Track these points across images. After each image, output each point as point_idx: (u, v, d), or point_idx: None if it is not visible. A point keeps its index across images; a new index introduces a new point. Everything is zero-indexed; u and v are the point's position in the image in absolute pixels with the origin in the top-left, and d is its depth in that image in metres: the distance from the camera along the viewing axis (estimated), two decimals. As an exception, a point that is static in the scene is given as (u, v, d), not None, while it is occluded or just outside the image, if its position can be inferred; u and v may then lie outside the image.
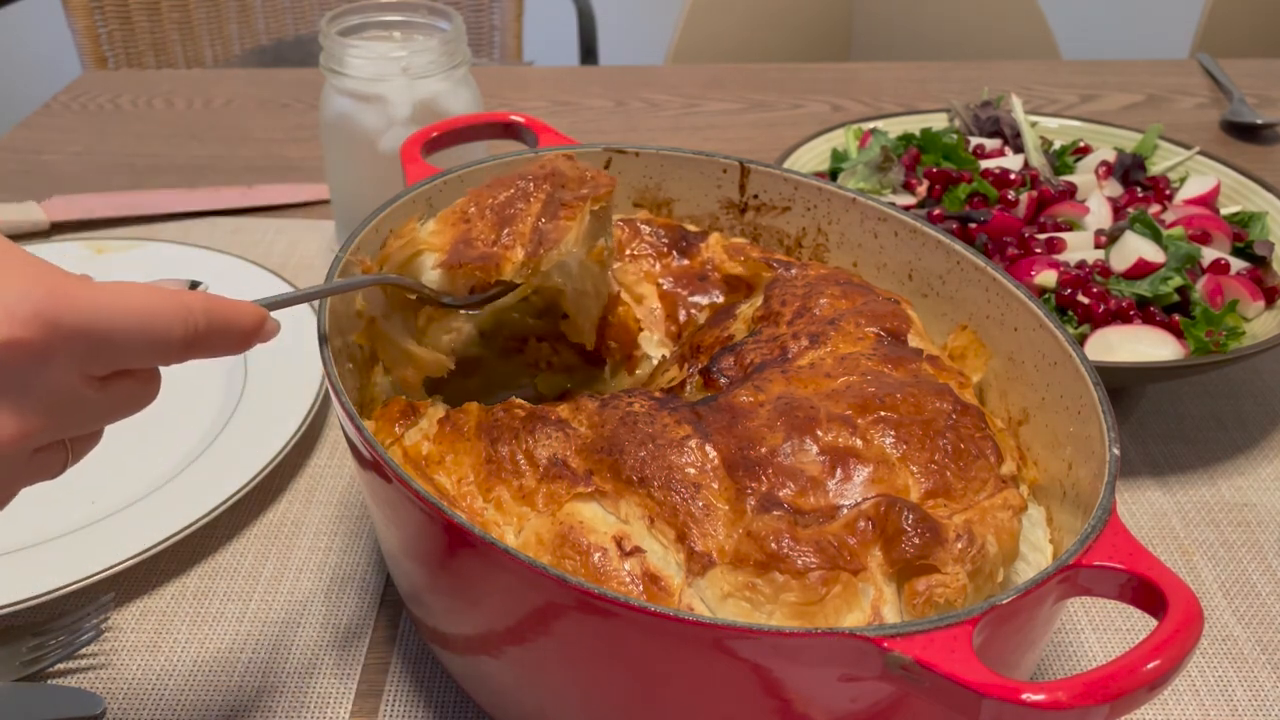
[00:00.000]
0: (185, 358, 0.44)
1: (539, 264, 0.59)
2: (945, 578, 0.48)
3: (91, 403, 0.42)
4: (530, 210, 0.61)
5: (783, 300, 0.65)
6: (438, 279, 0.60)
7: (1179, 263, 0.81)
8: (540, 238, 0.60)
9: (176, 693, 0.62)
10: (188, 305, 0.43)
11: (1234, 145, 1.28)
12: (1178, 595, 0.44)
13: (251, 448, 0.75)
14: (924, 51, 1.87)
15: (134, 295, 0.42)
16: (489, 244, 0.59)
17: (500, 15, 2.02)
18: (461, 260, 0.59)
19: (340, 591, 0.68)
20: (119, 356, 0.42)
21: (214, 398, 0.82)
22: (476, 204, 0.62)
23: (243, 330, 0.46)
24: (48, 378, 0.40)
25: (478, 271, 0.58)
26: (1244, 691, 0.63)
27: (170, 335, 0.43)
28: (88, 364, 0.41)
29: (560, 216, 0.61)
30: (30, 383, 0.39)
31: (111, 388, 0.43)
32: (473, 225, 0.60)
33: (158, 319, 0.42)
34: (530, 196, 0.62)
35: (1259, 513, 0.76)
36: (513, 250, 0.59)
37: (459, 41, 0.90)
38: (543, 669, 0.52)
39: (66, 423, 0.42)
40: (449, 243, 0.60)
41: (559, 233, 0.60)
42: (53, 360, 0.40)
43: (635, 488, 0.51)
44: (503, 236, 0.60)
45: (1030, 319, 0.61)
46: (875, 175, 0.96)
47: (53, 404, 0.41)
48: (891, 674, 0.42)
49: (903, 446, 0.54)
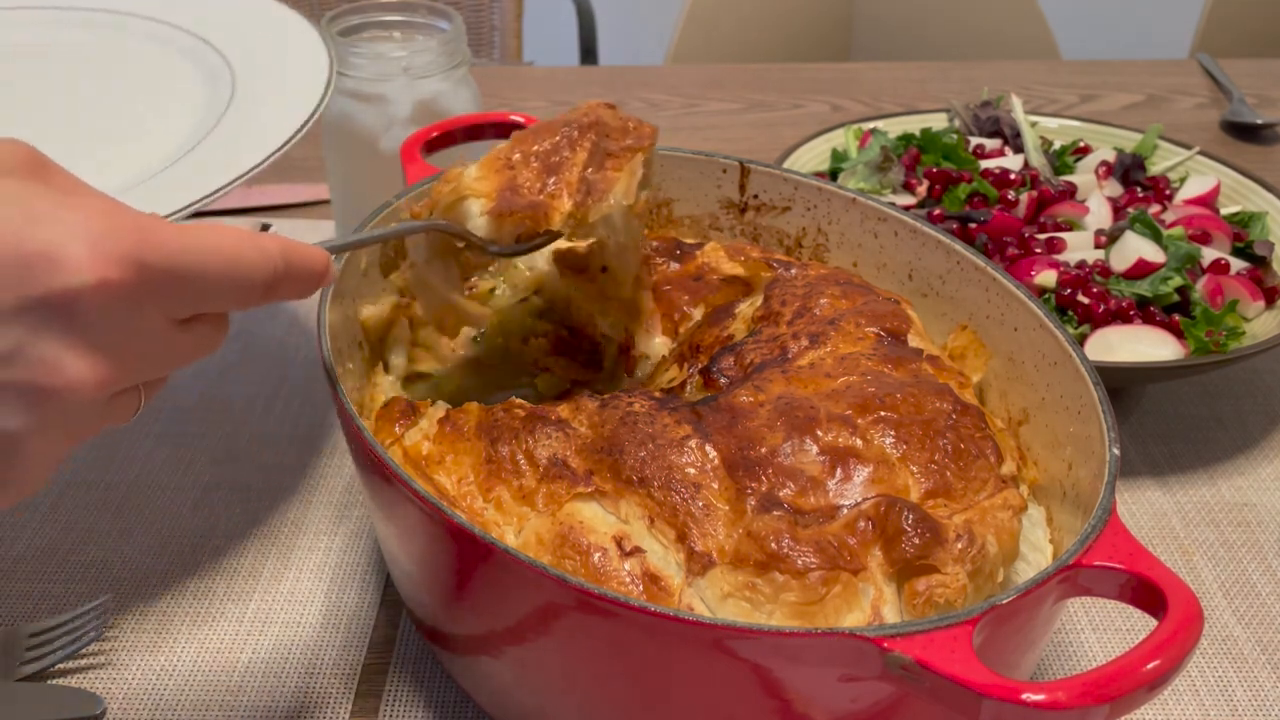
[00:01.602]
0: (262, 301, 0.43)
1: (587, 214, 0.59)
2: (945, 578, 0.48)
3: (171, 346, 0.41)
4: (576, 159, 0.60)
5: (783, 300, 0.65)
6: (484, 226, 0.59)
7: (1179, 263, 0.81)
8: (588, 188, 0.59)
9: (176, 693, 0.62)
10: (266, 248, 0.43)
11: (1234, 145, 1.28)
12: (1178, 595, 0.44)
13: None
14: (924, 51, 1.87)
15: (219, 236, 0.41)
16: (535, 192, 0.59)
17: (500, 15, 2.02)
18: (511, 208, 0.58)
19: (340, 591, 0.68)
20: (204, 299, 0.41)
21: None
22: (521, 150, 0.61)
23: (314, 273, 0.45)
24: (135, 321, 0.39)
25: (527, 220, 0.58)
26: (1244, 691, 0.63)
27: (254, 277, 0.42)
28: (173, 306, 0.41)
29: (607, 167, 0.61)
30: (119, 326, 0.39)
31: (190, 331, 0.42)
32: (518, 172, 0.60)
33: (242, 261, 0.41)
34: (575, 145, 0.61)
35: (1259, 513, 0.76)
36: (560, 199, 0.59)
37: (459, 41, 0.90)
38: (543, 669, 0.52)
39: (147, 367, 0.41)
40: (495, 189, 0.59)
41: (607, 184, 0.60)
42: (141, 303, 0.39)
43: (635, 488, 0.51)
44: (549, 185, 0.59)
45: (1030, 319, 0.61)
46: (875, 175, 0.96)
47: (137, 347, 0.40)
48: (891, 674, 0.42)
49: (903, 446, 0.54)
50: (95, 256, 0.37)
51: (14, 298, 0.37)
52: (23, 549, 0.70)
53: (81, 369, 0.38)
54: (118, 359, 0.39)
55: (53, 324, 0.38)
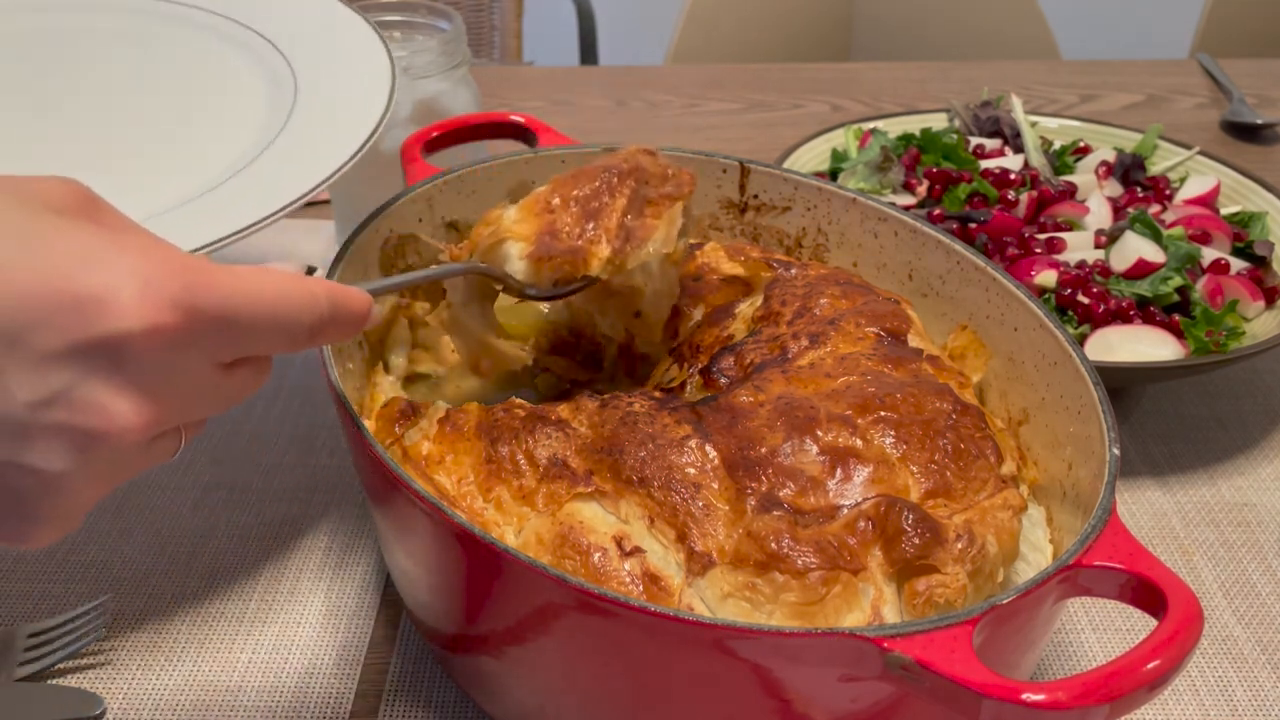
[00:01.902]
0: (307, 345, 0.43)
1: (625, 262, 0.59)
2: (945, 578, 0.48)
3: (216, 390, 0.41)
4: (615, 205, 0.61)
5: (783, 300, 0.65)
6: (523, 270, 0.60)
7: (1179, 263, 0.81)
8: (627, 235, 0.60)
9: (176, 693, 0.62)
10: (314, 292, 0.42)
11: (1234, 145, 1.28)
12: (1178, 595, 0.44)
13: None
14: (924, 51, 1.87)
15: (269, 281, 0.41)
16: (575, 237, 0.59)
17: (500, 15, 2.02)
18: (550, 253, 0.59)
19: (340, 591, 0.68)
20: (250, 343, 0.41)
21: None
22: (560, 195, 0.61)
23: (357, 315, 0.45)
24: (182, 365, 0.39)
25: (565, 265, 0.59)
26: (1244, 691, 0.63)
27: (300, 323, 0.42)
28: (220, 351, 0.40)
29: (646, 214, 0.61)
30: (165, 370, 0.38)
31: (233, 374, 0.42)
32: (557, 216, 0.60)
33: (290, 306, 0.41)
34: (615, 191, 0.61)
35: (1259, 513, 0.76)
36: (599, 245, 0.59)
37: (459, 41, 0.90)
38: (543, 669, 0.52)
39: (190, 410, 0.41)
40: (534, 232, 0.60)
41: (646, 231, 0.60)
42: (190, 348, 0.39)
43: (635, 488, 0.51)
44: (588, 230, 0.59)
45: (1030, 319, 0.61)
46: (875, 175, 0.96)
47: (182, 392, 0.40)
48: (891, 674, 0.42)
49: (903, 446, 0.54)
50: (146, 301, 0.37)
51: (64, 341, 0.37)
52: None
53: (127, 412, 0.38)
54: (163, 402, 0.39)
55: (101, 367, 0.37)
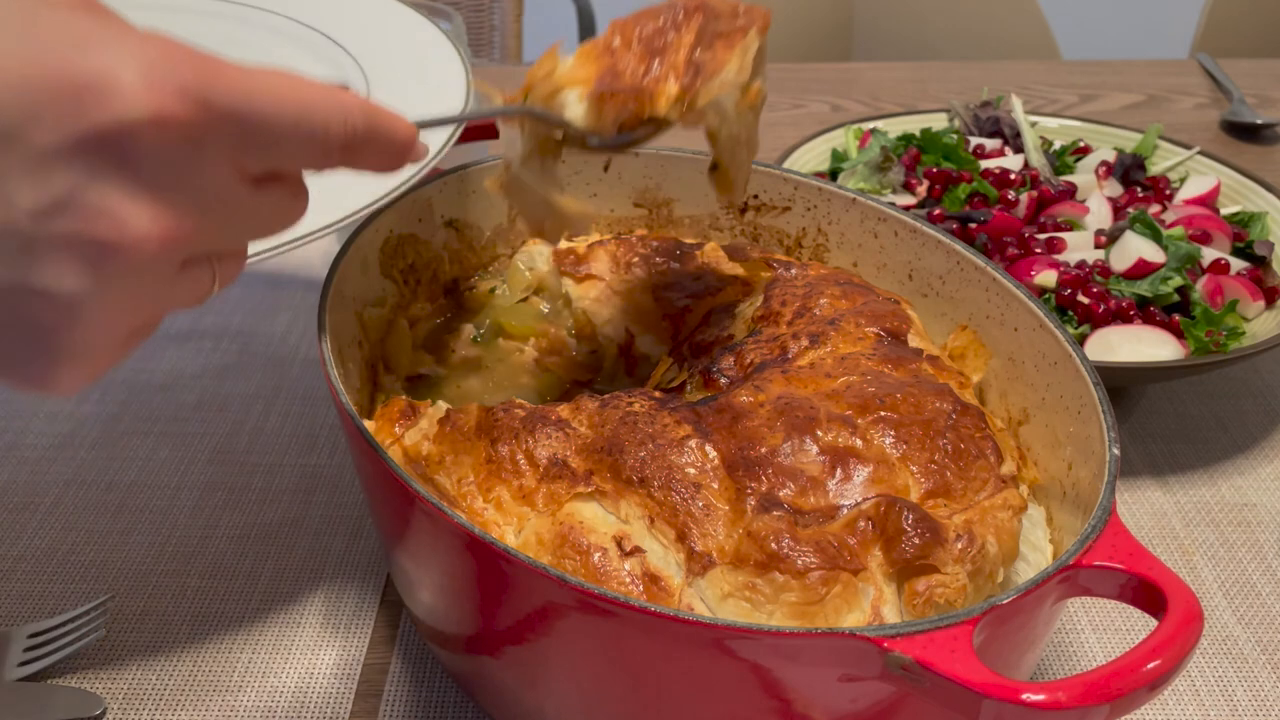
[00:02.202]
0: (340, 163, 0.40)
1: (696, 98, 0.54)
2: (945, 578, 0.48)
3: (243, 207, 0.38)
4: (683, 40, 0.55)
5: (783, 300, 0.65)
6: (583, 114, 0.55)
7: (1179, 263, 0.81)
8: (697, 69, 0.55)
9: (176, 693, 0.62)
10: (345, 104, 0.39)
11: (1234, 145, 1.28)
12: (1178, 595, 0.44)
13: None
14: (924, 51, 1.87)
15: (291, 83, 0.37)
16: (639, 76, 0.54)
17: (500, 15, 2.02)
18: (613, 89, 0.54)
19: (340, 591, 0.68)
20: (274, 150, 0.38)
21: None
22: (621, 35, 0.56)
23: (399, 143, 0.42)
24: (199, 166, 0.36)
25: (630, 103, 0.54)
26: (1244, 691, 0.63)
27: (329, 132, 0.38)
28: (241, 155, 0.37)
29: (717, 48, 0.56)
30: (182, 171, 0.35)
31: (264, 192, 0.39)
32: (618, 58, 0.55)
33: (316, 112, 0.38)
34: (682, 26, 0.56)
35: (1259, 513, 0.76)
36: (665, 83, 0.54)
37: (459, 42, 0.90)
38: (543, 669, 0.52)
39: (217, 229, 0.38)
40: (593, 76, 0.55)
41: (717, 64, 0.55)
42: (205, 145, 0.35)
43: (635, 488, 0.51)
44: (654, 68, 0.54)
45: (1030, 319, 0.61)
46: (875, 175, 0.96)
47: (205, 201, 0.36)
48: (891, 674, 0.42)
49: (903, 446, 0.54)
50: (151, 86, 0.34)
51: (61, 135, 0.33)
52: (23, 549, 0.70)
53: (143, 219, 0.35)
54: (184, 211, 0.36)
55: (107, 166, 0.34)
